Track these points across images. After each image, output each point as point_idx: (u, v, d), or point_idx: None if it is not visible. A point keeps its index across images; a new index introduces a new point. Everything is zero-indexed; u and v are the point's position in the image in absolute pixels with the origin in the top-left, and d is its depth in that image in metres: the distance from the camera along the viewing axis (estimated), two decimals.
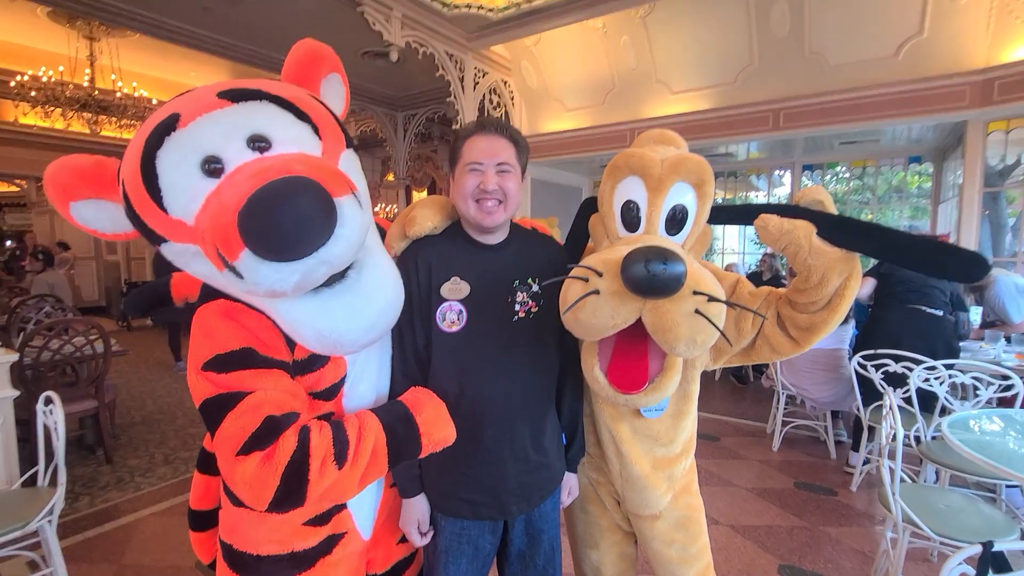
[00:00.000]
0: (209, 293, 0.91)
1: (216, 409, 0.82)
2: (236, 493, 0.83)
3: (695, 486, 1.35)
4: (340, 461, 0.86)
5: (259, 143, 0.82)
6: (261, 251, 0.70)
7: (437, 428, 1.01)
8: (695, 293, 0.90)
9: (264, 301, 0.86)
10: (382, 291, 0.92)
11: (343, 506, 1.04)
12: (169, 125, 0.79)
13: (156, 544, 2.41)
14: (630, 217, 1.11)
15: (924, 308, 2.92)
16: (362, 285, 0.88)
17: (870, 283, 3.12)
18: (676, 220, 1.10)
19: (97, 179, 0.84)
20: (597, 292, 0.93)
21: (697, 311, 0.89)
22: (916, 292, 2.93)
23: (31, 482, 2.04)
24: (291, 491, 0.82)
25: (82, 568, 2.22)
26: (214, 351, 0.85)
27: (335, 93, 1.04)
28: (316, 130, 0.89)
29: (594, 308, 0.93)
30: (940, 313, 2.91)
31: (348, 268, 0.86)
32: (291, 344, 0.91)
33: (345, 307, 0.86)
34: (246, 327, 0.87)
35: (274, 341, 0.89)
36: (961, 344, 3.36)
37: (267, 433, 0.81)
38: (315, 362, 0.95)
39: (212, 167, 0.78)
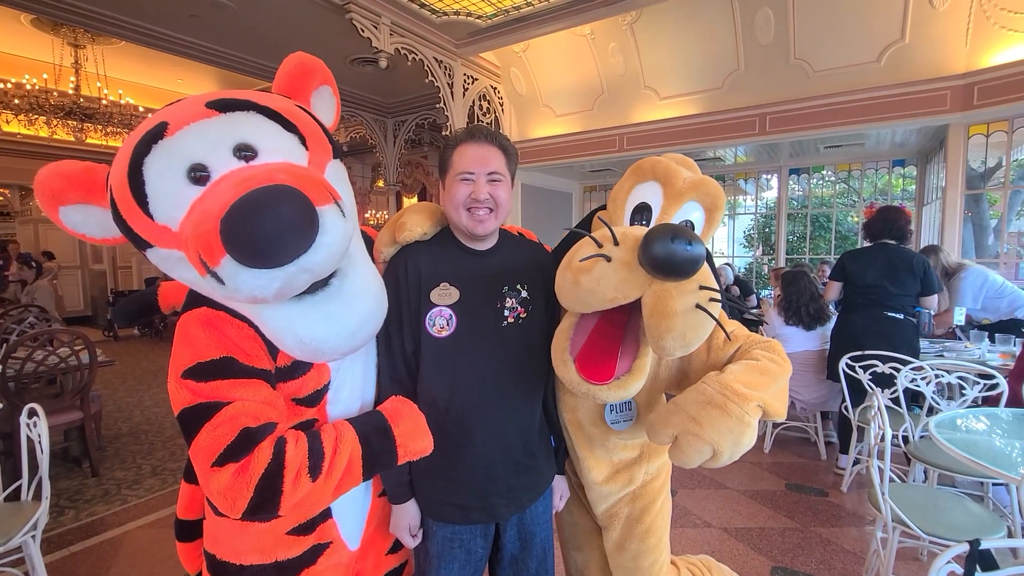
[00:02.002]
0: (193, 300, 0.91)
1: (193, 419, 0.83)
2: (211, 502, 0.83)
3: (660, 506, 1.32)
4: (314, 473, 0.87)
5: (245, 152, 0.83)
6: (241, 258, 0.71)
7: (414, 439, 1.02)
8: (701, 288, 0.89)
9: (247, 307, 0.86)
10: (364, 300, 0.93)
11: (328, 515, 1.03)
12: (157, 133, 0.80)
13: (143, 558, 2.37)
14: (639, 218, 1.12)
15: (886, 312, 2.99)
16: (344, 293, 0.88)
17: (836, 287, 3.19)
18: None
19: (86, 185, 0.84)
20: (609, 259, 0.92)
21: (698, 306, 0.88)
22: (877, 298, 3.01)
23: (14, 496, 2.00)
24: (264, 502, 0.82)
25: None
26: (195, 359, 0.85)
27: (326, 105, 1.05)
28: (303, 140, 0.90)
29: (600, 275, 0.91)
30: (901, 316, 3.00)
31: (331, 276, 0.87)
32: (273, 351, 0.91)
33: (327, 315, 0.86)
34: (227, 336, 0.87)
35: (255, 350, 0.89)
36: (947, 344, 3.42)
37: (242, 445, 0.82)
38: (298, 369, 0.95)
39: (198, 175, 0.79)
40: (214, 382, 0.84)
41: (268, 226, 0.71)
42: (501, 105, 5.96)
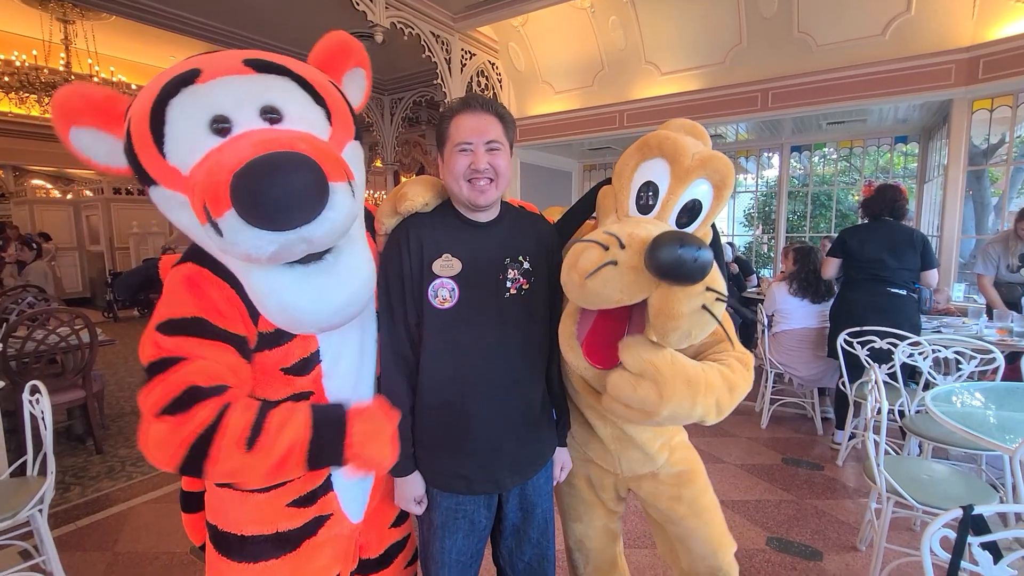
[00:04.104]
0: (187, 256, 0.92)
1: (152, 372, 0.83)
2: (144, 453, 0.81)
3: (687, 441, 1.38)
4: (248, 446, 0.83)
5: (271, 115, 0.85)
6: (246, 215, 0.72)
7: (371, 446, 0.90)
8: (707, 289, 0.89)
9: (236, 264, 0.86)
10: (354, 279, 0.93)
11: (329, 488, 1.04)
12: (188, 78, 0.81)
13: (149, 531, 2.41)
14: (645, 198, 1.09)
15: (887, 288, 2.97)
16: (337, 270, 0.89)
17: (835, 263, 3.17)
18: (690, 213, 1.08)
19: (105, 110, 0.84)
20: (615, 263, 0.91)
21: (704, 307, 0.89)
22: (878, 273, 2.98)
23: (19, 473, 2.02)
24: (193, 461, 0.80)
25: (75, 556, 2.21)
26: (168, 315, 0.85)
27: (357, 87, 1.08)
28: (329, 115, 0.92)
29: (606, 278, 0.91)
30: (903, 292, 2.97)
31: (326, 251, 0.87)
32: (255, 316, 0.91)
33: (316, 288, 0.87)
34: (206, 295, 0.87)
35: (232, 312, 0.89)
36: (945, 320, 3.43)
37: (184, 401, 0.81)
38: (282, 336, 0.95)
39: (220, 127, 0.81)
40: (179, 338, 0.84)
41: (278, 191, 0.72)
42: (499, 81, 5.87)
